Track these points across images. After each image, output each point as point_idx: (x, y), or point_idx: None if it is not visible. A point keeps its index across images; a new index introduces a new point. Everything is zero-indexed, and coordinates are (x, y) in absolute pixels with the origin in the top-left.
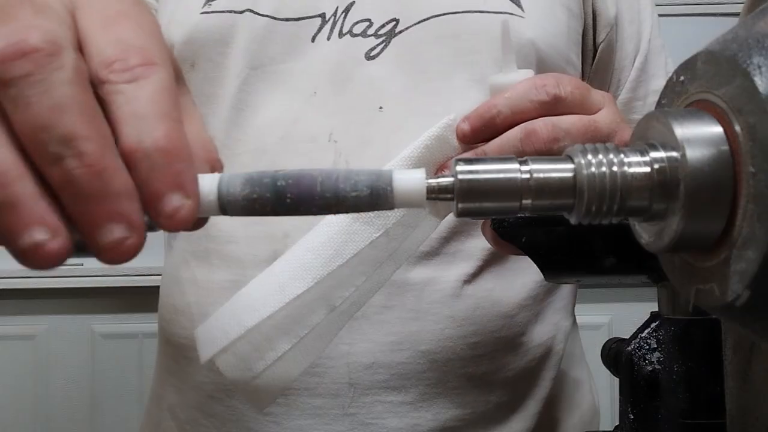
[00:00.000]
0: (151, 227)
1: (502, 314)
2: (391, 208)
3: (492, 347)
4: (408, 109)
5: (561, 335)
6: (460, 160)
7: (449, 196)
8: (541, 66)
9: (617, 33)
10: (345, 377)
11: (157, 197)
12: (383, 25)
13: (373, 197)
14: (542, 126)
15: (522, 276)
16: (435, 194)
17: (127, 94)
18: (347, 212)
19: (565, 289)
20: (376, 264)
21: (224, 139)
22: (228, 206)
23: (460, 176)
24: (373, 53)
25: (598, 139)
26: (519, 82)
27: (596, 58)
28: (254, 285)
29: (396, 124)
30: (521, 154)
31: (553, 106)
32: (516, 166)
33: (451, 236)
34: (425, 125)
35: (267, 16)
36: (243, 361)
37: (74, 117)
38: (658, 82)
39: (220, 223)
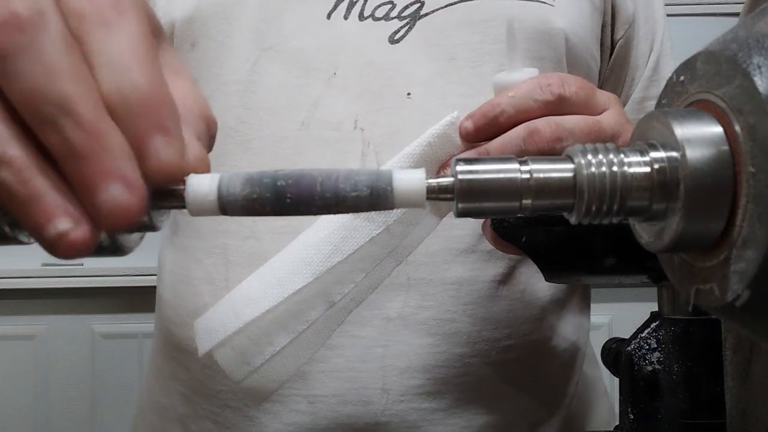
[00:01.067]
0: (151, 226)
1: (533, 317)
2: (391, 208)
3: (524, 351)
4: (438, 96)
5: (584, 336)
6: (459, 160)
7: (449, 196)
8: (570, 56)
9: (634, 30)
10: (378, 382)
11: (140, 143)
12: (407, 6)
13: (373, 197)
14: (545, 125)
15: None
16: (435, 194)
17: (102, 42)
18: (347, 212)
19: (581, 289)
20: (376, 261)
21: (234, 124)
22: (228, 206)
23: (460, 176)
24: (397, 36)
25: (602, 140)
26: (523, 81)
27: (613, 54)
28: (253, 279)
29: (426, 112)
30: (524, 154)
31: (557, 106)
32: (516, 166)
33: None
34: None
35: None
36: (241, 355)
37: (65, 80)
38: None
39: (238, 217)
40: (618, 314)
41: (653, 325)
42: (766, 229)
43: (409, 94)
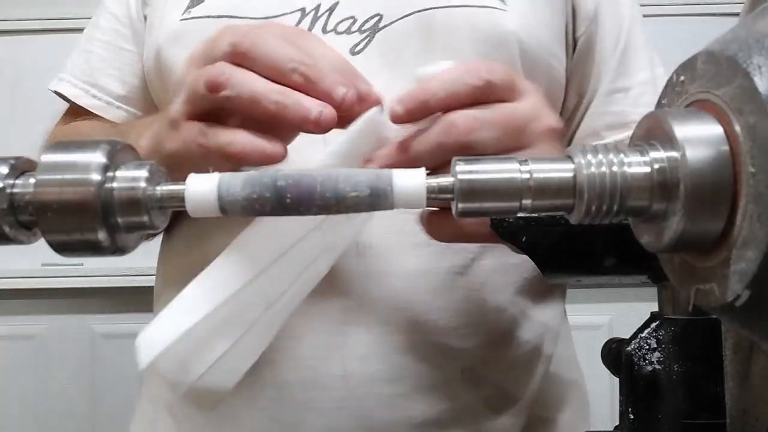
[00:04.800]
0: (151, 226)
1: (492, 308)
2: (390, 208)
3: (482, 341)
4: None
5: (550, 335)
6: (459, 160)
7: (449, 196)
8: (525, 58)
9: (597, 26)
10: (339, 370)
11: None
12: (367, 20)
13: (373, 197)
14: (461, 117)
15: (512, 273)
16: (435, 194)
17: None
18: (347, 212)
19: (555, 291)
20: (311, 258)
21: None
22: (228, 206)
23: (460, 176)
24: (357, 48)
25: (515, 127)
26: (450, 68)
27: (576, 51)
28: (190, 287)
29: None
30: (444, 147)
31: (484, 91)
32: (516, 166)
33: None
34: None
35: (245, 17)
36: (183, 364)
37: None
38: (642, 75)
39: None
40: (618, 314)
41: (653, 325)
42: (766, 229)
43: None
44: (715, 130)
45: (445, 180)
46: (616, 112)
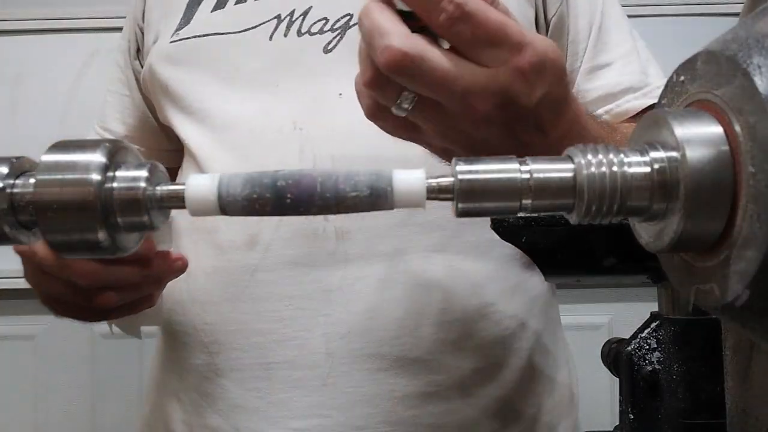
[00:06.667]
0: (151, 226)
1: (470, 282)
2: (390, 208)
3: (461, 314)
4: None
5: (536, 311)
6: (459, 160)
7: (449, 196)
8: None
9: (568, 7)
10: (322, 348)
11: None
12: (338, 20)
13: (373, 197)
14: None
15: (493, 250)
16: (435, 194)
17: None
18: (347, 212)
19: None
20: None
21: (196, 147)
22: (228, 206)
23: (460, 176)
24: (330, 47)
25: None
26: None
27: (549, 31)
28: None
29: (356, 108)
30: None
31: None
32: (516, 166)
33: None
34: None
35: (227, 33)
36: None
37: None
38: (622, 48)
39: None
40: (618, 314)
41: (653, 325)
42: (766, 229)
43: (341, 94)
44: (715, 130)
45: (445, 180)
46: (602, 86)
